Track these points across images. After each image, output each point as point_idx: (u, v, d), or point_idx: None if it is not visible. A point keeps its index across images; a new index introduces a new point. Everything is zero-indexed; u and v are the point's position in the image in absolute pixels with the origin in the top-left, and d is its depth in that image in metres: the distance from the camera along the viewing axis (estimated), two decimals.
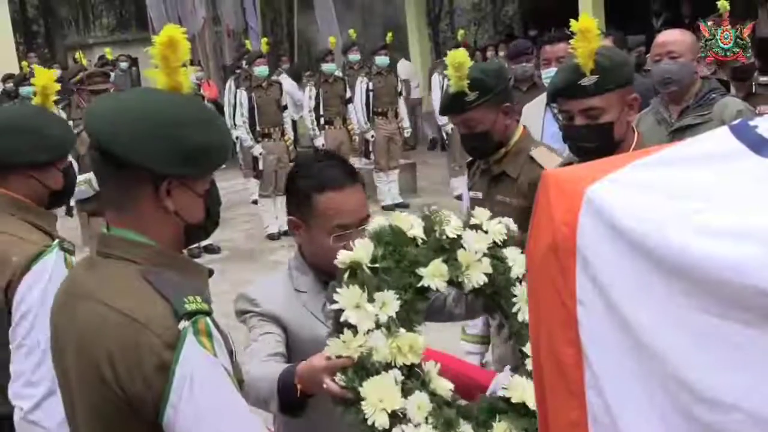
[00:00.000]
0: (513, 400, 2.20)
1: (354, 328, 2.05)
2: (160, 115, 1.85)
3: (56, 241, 2.85)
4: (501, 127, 3.63)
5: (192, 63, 2.06)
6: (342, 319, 2.06)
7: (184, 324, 1.76)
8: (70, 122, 7.85)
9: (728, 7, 9.53)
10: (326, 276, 2.46)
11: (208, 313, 1.82)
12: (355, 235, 2.35)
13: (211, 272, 2.05)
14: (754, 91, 5.59)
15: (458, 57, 3.51)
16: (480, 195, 3.80)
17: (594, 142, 2.87)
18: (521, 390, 2.20)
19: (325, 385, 2.03)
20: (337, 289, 2.10)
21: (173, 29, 1.92)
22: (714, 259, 1.15)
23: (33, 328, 2.73)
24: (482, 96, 3.53)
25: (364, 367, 2.03)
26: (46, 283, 2.73)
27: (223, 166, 2.18)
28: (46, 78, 3.28)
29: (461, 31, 14.70)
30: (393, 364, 2.06)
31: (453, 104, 3.67)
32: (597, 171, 1.36)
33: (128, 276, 1.85)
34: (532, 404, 2.07)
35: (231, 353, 1.90)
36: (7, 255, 2.77)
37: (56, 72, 12.17)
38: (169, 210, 1.88)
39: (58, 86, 3.37)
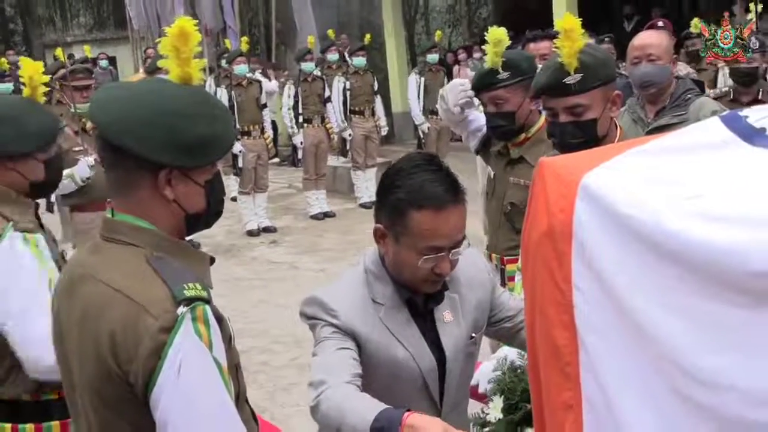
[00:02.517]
0: None
1: None
2: (161, 105, 1.86)
3: (9, 224, 2.77)
4: (525, 112, 3.79)
5: None
6: None
7: (181, 310, 1.78)
8: None
9: (700, 26, 9.58)
10: (408, 290, 2.38)
11: (208, 301, 1.84)
12: (445, 258, 2.27)
13: (212, 260, 2.05)
14: (760, 97, 5.57)
15: (497, 34, 3.72)
16: (493, 174, 3.97)
17: (578, 138, 2.87)
18: None
19: None
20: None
21: (185, 21, 1.93)
22: (709, 244, 1.17)
23: None
24: (514, 77, 3.72)
25: None
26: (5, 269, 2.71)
27: None
28: (32, 69, 3.26)
29: (438, 32, 14.72)
30: None
31: (485, 79, 3.80)
32: (592, 159, 1.39)
33: (131, 259, 1.87)
34: None
35: (229, 339, 1.92)
36: None
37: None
38: (168, 199, 1.89)
39: (45, 78, 3.34)
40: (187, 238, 2.05)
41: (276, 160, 14.22)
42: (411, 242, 2.26)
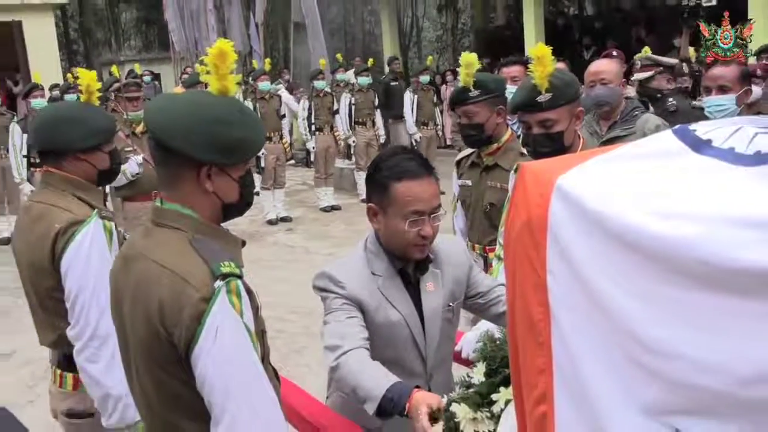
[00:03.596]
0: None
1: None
2: (204, 113, 1.85)
3: (95, 210, 2.79)
4: (493, 124, 3.78)
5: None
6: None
7: (218, 283, 1.78)
8: None
9: (650, 51, 9.49)
10: (400, 261, 2.40)
11: (240, 276, 1.84)
12: (427, 221, 2.29)
13: (243, 243, 2.04)
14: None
15: (469, 58, 3.70)
16: (469, 183, 3.98)
17: (548, 147, 2.86)
18: None
19: (421, 418, 1.93)
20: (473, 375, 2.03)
21: (224, 42, 1.93)
22: (663, 236, 1.15)
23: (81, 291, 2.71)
24: (483, 94, 3.73)
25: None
26: (87, 248, 2.71)
27: None
28: (89, 78, 3.31)
29: (430, 58, 14.70)
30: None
31: (459, 96, 3.80)
32: (566, 163, 1.37)
33: (177, 241, 1.87)
34: None
35: (256, 309, 1.91)
36: (52, 224, 2.73)
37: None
38: (208, 191, 1.89)
39: (99, 84, 3.39)
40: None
41: (292, 161, 14.22)
42: (397, 210, 2.30)
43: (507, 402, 1.88)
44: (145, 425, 2.04)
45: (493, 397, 1.93)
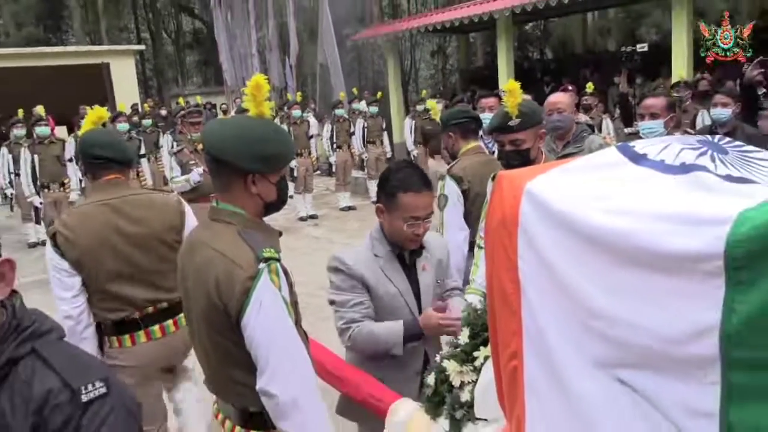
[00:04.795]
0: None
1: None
2: (247, 133, 1.86)
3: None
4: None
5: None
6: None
7: (262, 265, 1.79)
8: (174, 143, 7.69)
9: (593, 87, 9.37)
10: (398, 248, 2.42)
11: (278, 260, 1.84)
12: (421, 224, 2.33)
13: (280, 233, 2.05)
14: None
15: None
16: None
17: (518, 161, 2.84)
18: None
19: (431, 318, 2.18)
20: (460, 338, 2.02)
21: (259, 77, 1.92)
22: (609, 228, 1.15)
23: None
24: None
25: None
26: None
27: None
28: (99, 113, 2.98)
29: (424, 91, 14.67)
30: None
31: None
32: (534, 172, 1.36)
33: (229, 233, 1.87)
34: None
35: (291, 285, 1.92)
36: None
37: (164, 111, 11.91)
38: (253, 193, 1.90)
39: (107, 115, 3.07)
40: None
41: (318, 172, 14.20)
42: (399, 214, 2.31)
43: (486, 358, 1.87)
44: (206, 375, 2.05)
45: (475, 354, 1.92)
